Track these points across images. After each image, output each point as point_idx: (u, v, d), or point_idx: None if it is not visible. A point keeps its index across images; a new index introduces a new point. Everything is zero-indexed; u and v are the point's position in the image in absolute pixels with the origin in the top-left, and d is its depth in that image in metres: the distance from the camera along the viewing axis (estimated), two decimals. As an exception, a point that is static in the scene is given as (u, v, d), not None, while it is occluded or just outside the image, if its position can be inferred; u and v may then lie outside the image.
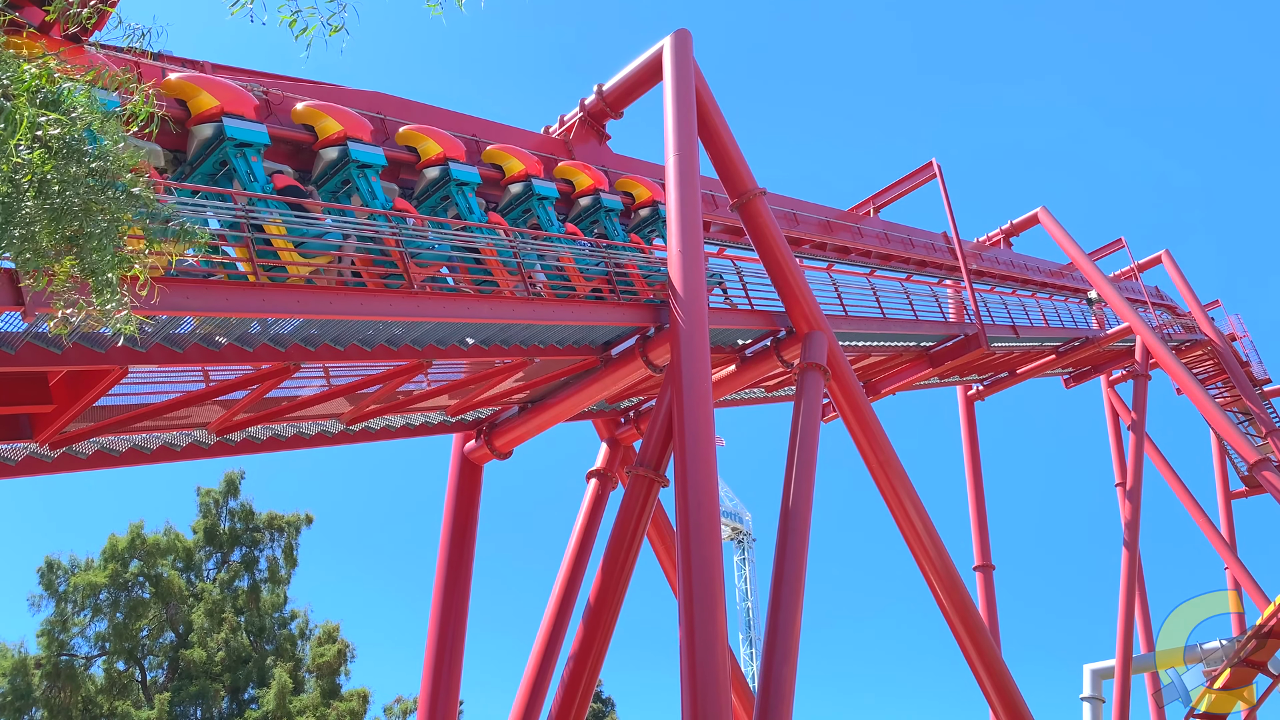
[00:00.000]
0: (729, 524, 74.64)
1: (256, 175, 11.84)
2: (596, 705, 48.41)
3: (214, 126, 11.63)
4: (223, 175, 11.98)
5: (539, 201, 15.10)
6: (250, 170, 11.81)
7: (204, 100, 11.62)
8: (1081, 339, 29.35)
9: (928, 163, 26.02)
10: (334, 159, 12.90)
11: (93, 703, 30.27)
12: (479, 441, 16.91)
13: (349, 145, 12.86)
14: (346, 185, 13.04)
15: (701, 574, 11.80)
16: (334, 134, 12.92)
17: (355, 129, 13.05)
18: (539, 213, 15.06)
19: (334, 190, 13.15)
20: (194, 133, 11.80)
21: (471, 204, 14.06)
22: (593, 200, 16.19)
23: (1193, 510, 32.28)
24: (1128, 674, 27.16)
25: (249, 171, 11.79)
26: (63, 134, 5.00)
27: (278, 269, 11.16)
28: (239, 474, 35.82)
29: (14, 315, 8.91)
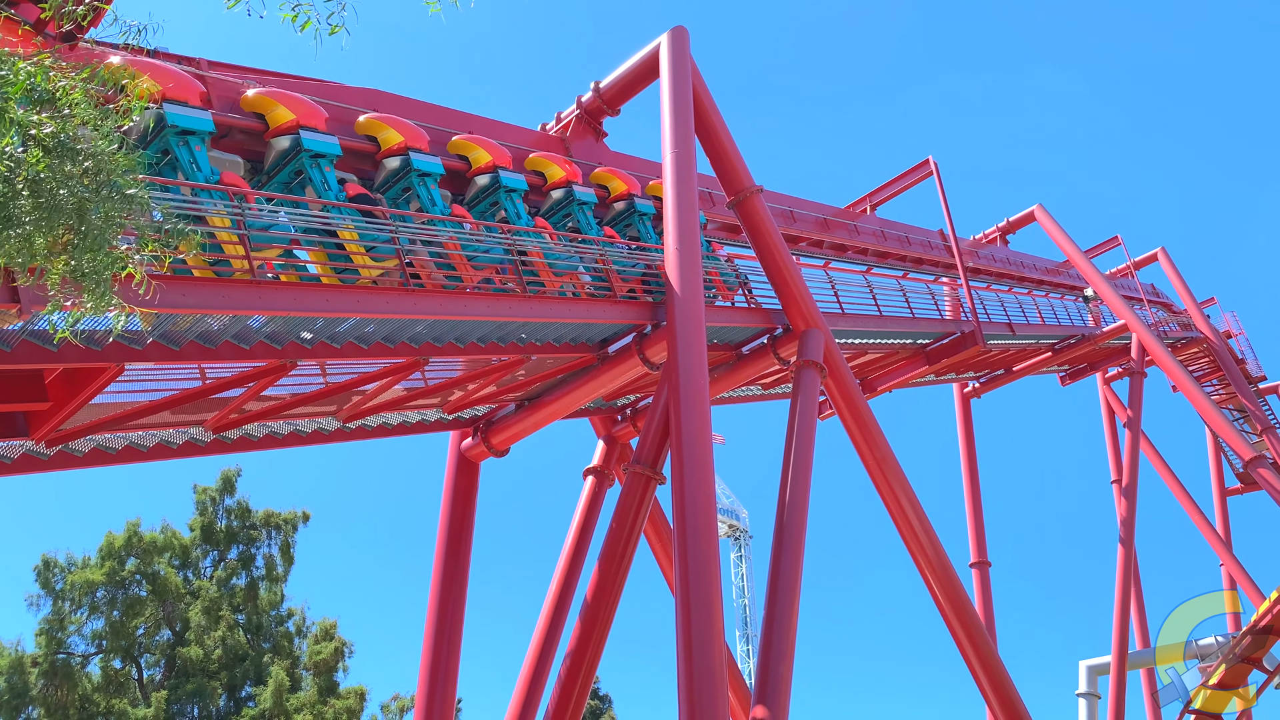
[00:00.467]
0: (725, 521, 74.68)
1: (330, 184, 12.33)
2: (594, 702, 48.43)
3: (291, 139, 12.20)
4: (297, 184, 12.46)
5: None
6: (325, 179, 12.31)
7: (281, 114, 12.18)
8: (1077, 336, 29.39)
9: (924, 160, 26.04)
10: (396, 168, 13.36)
11: (90, 701, 30.25)
12: (476, 439, 16.92)
13: (410, 155, 13.31)
14: (407, 193, 13.49)
15: (698, 571, 11.82)
16: (396, 144, 13.41)
17: (415, 139, 13.53)
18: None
19: (395, 197, 13.56)
20: (272, 144, 12.40)
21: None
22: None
23: (1188, 507, 32.36)
24: (1123, 670, 27.25)
25: (323, 181, 12.29)
26: (56, 132, 5.00)
27: (349, 272, 11.83)
28: (235, 471, 35.81)
29: (9, 312, 8.90)
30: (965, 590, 17.27)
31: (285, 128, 12.29)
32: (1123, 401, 31.88)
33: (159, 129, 11.30)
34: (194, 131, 11.35)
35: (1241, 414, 37.11)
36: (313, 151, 12.30)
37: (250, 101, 12.40)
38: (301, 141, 12.22)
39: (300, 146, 12.24)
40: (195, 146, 11.45)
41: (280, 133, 12.33)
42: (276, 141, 12.38)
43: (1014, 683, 17.11)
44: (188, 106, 11.49)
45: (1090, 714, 28.43)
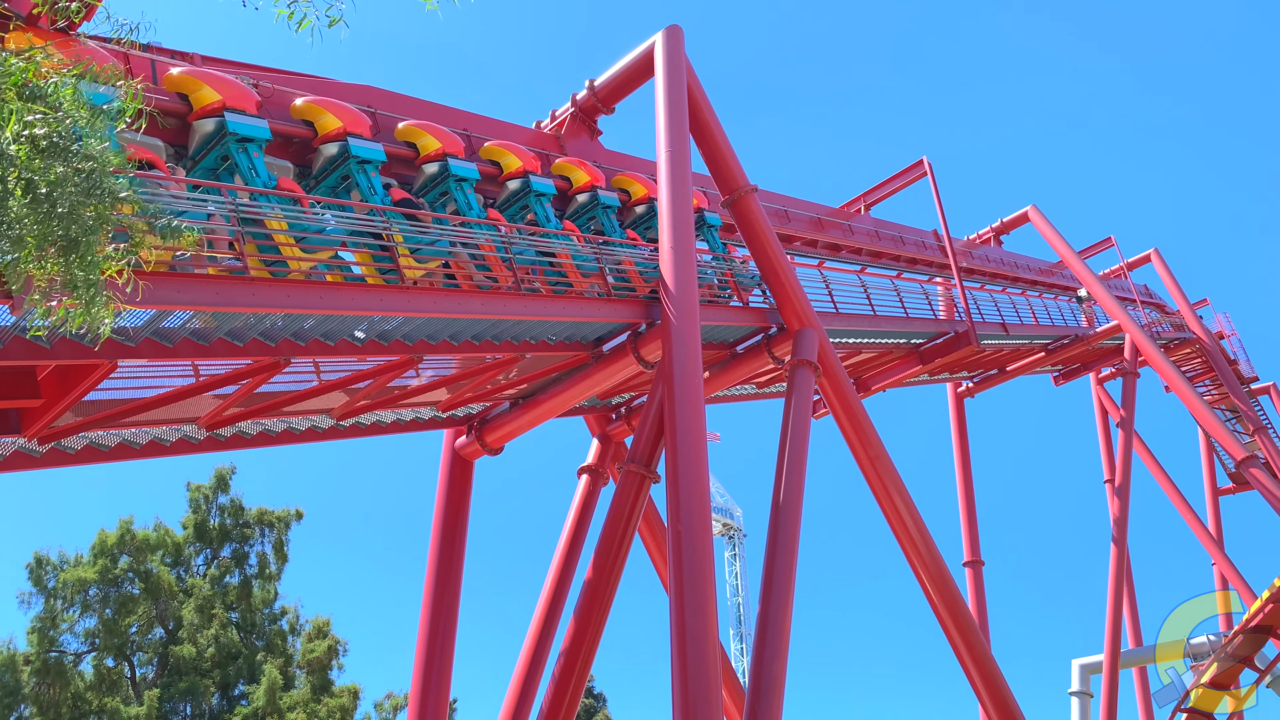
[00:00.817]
0: (720, 520, 74.71)
1: (376, 189, 12.51)
2: (588, 701, 48.43)
3: (339, 145, 12.48)
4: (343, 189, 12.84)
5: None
6: (371, 185, 12.53)
7: (329, 121, 12.46)
8: (1071, 337, 29.46)
9: (918, 160, 26.10)
10: (434, 173, 13.76)
11: (82, 699, 30.18)
12: (470, 437, 16.90)
13: (447, 160, 13.61)
14: (445, 196, 13.78)
15: (692, 570, 11.82)
16: (434, 150, 13.77)
17: (451, 146, 13.84)
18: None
19: (433, 201, 13.87)
20: (320, 151, 12.73)
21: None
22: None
23: (1181, 507, 32.46)
24: (1115, 669, 27.33)
25: (370, 185, 12.50)
26: (49, 131, 4.97)
27: (393, 273, 12.06)
28: (229, 469, 35.76)
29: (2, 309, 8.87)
30: (959, 589, 17.29)
31: (333, 134, 12.60)
32: (1116, 401, 31.96)
33: (219, 136, 11.49)
34: (252, 139, 11.59)
35: (1234, 414, 37.24)
36: (360, 158, 12.55)
37: (299, 109, 12.79)
38: (350, 148, 12.48)
39: (349, 152, 12.52)
40: (254, 153, 11.66)
41: (429, 160, 13.32)
42: (426, 167, 13.25)
43: (1007, 681, 17.15)
44: (246, 114, 11.69)
45: (1083, 713, 28.47)
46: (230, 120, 11.50)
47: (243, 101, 11.82)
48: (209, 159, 11.77)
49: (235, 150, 11.57)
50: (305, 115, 12.92)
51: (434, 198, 14.15)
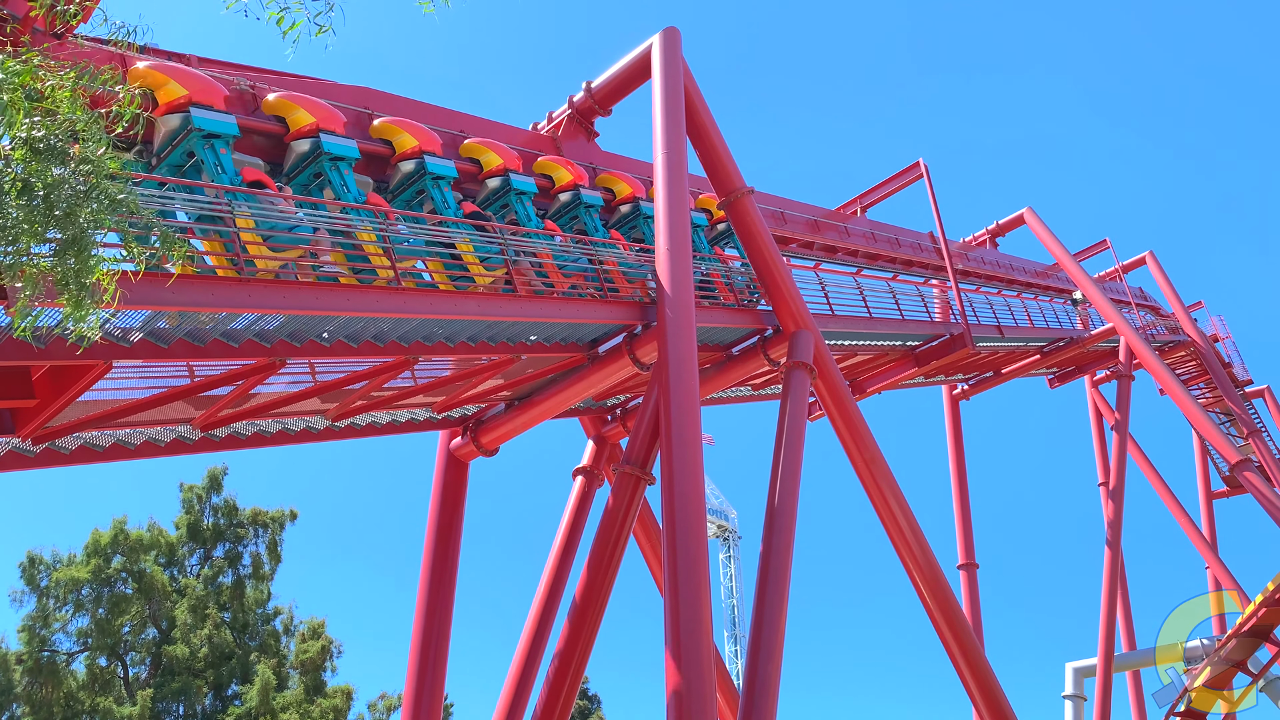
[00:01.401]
0: (715, 522, 74.72)
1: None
2: (582, 702, 48.41)
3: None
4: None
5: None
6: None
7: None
8: (1066, 339, 29.52)
9: (914, 163, 26.12)
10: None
11: (74, 699, 30.09)
12: (465, 438, 16.89)
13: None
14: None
15: (687, 571, 11.82)
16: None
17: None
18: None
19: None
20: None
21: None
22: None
23: (1175, 510, 32.55)
24: (1109, 672, 27.38)
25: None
26: (46, 134, 4.97)
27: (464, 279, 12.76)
28: (222, 469, 35.70)
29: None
30: (953, 592, 17.30)
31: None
32: (1110, 404, 32.05)
33: (314, 155, 12.17)
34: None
35: (1228, 417, 37.34)
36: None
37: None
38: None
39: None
40: (344, 171, 12.31)
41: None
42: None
43: (1001, 684, 17.17)
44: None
45: (1076, 716, 28.56)
46: (325, 141, 12.37)
47: (334, 123, 12.65)
48: (303, 176, 12.65)
49: (329, 168, 12.51)
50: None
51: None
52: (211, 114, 11.52)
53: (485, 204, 15.15)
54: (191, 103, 11.39)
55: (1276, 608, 19.61)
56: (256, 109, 12.82)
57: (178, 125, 11.39)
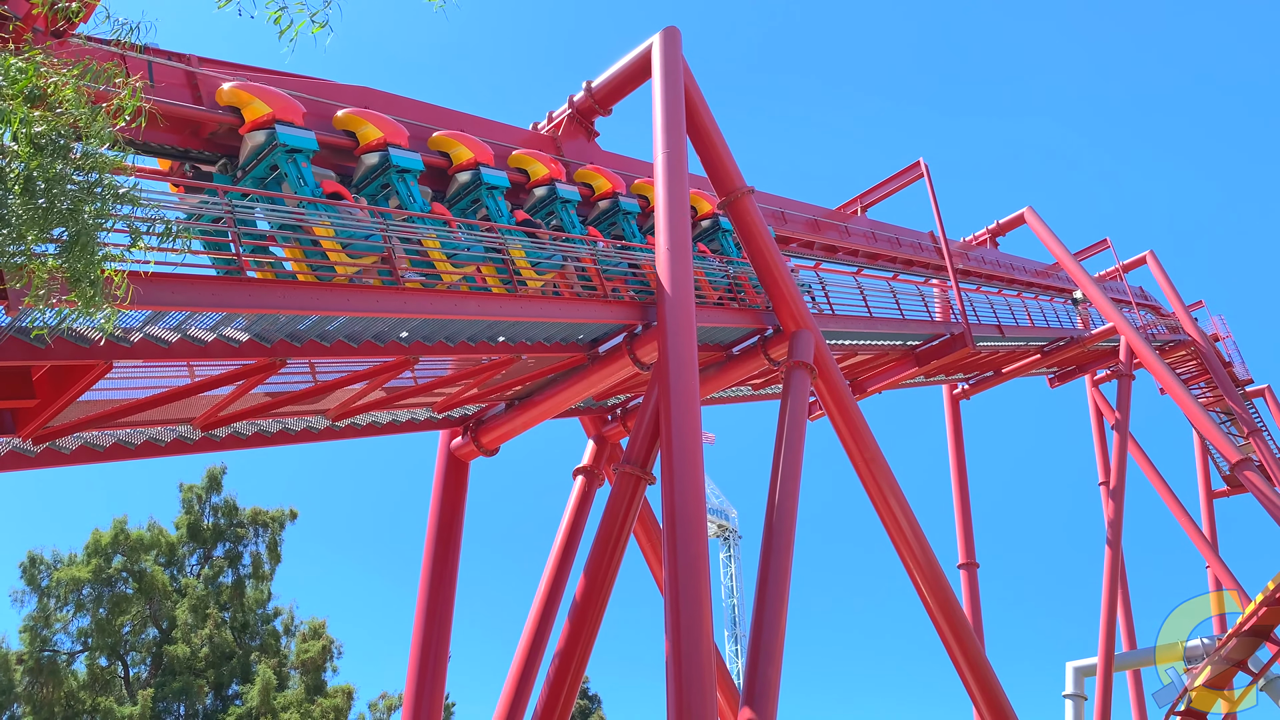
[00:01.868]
0: (715, 521, 74.73)
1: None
2: (582, 702, 48.43)
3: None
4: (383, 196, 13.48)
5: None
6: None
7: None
8: (1066, 339, 29.52)
9: (915, 162, 26.12)
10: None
11: (75, 699, 30.10)
12: (465, 438, 16.89)
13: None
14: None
15: (687, 571, 11.82)
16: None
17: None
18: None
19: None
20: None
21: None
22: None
23: (1175, 509, 32.54)
24: (1110, 671, 27.37)
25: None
26: (49, 130, 4.97)
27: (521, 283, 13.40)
28: (221, 469, 35.71)
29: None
30: (953, 591, 17.30)
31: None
32: (1111, 404, 32.04)
33: (383, 167, 12.95)
34: (301, 150, 12.30)
35: (1228, 417, 37.33)
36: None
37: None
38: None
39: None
40: (410, 182, 13.08)
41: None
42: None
43: (1001, 684, 17.17)
44: (294, 127, 12.36)
45: (1077, 715, 28.56)
46: (394, 155, 13.14)
47: (399, 137, 13.37)
48: (372, 187, 13.43)
49: (396, 180, 13.27)
50: (347, 125, 13.24)
51: (466, 204, 14.31)
52: (294, 130, 12.38)
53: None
54: (275, 120, 12.22)
55: (1277, 607, 19.61)
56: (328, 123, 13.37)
57: (262, 141, 12.25)
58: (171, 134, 12.17)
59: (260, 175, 12.47)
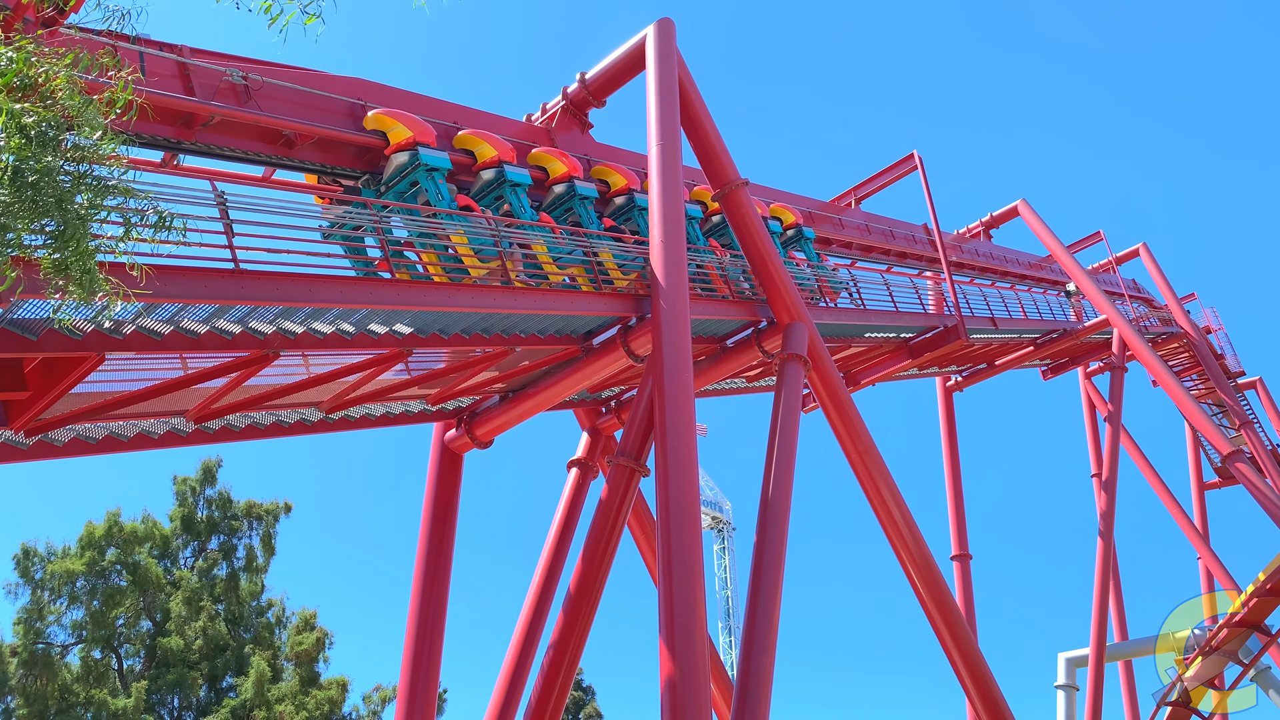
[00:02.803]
0: (709, 513, 74.89)
1: (526, 208, 14.56)
2: (577, 693, 48.53)
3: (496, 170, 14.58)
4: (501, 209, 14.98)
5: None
6: (521, 204, 14.72)
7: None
8: (1059, 331, 29.58)
9: (909, 155, 26.11)
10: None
11: (69, 691, 30.08)
12: (459, 430, 16.88)
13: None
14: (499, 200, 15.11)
15: (681, 563, 11.84)
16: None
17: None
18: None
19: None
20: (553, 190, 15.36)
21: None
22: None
23: (1167, 501, 32.67)
24: (1101, 662, 27.50)
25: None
26: (38, 121, 4.94)
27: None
28: (216, 462, 35.65)
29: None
30: (946, 583, 17.37)
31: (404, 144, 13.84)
32: (1103, 396, 32.11)
33: (499, 182, 14.56)
34: (437, 168, 13.79)
35: (1220, 409, 37.45)
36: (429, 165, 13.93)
37: (535, 156, 15.29)
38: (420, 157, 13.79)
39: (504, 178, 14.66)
40: (521, 195, 14.53)
41: (486, 166, 14.70)
42: (484, 173, 14.74)
43: (993, 674, 17.25)
44: (432, 148, 13.91)
45: (1069, 705, 28.67)
46: (508, 171, 14.66)
47: (427, 136, 14.19)
48: (488, 199, 14.85)
49: (509, 193, 14.78)
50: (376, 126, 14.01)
51: (489, 201, 14.99)
52: (432, 152, 13.95)
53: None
54: (416, 143, 13.77)
55: (1267, 598, 19.72)
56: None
57: (405, 160, 13.78)
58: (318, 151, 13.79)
59: (402, 190, 14.00)
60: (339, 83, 14.11)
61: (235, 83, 12.63)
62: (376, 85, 14.62)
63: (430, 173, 13.77)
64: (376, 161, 14.30)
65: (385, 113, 13.93)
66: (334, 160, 14.11)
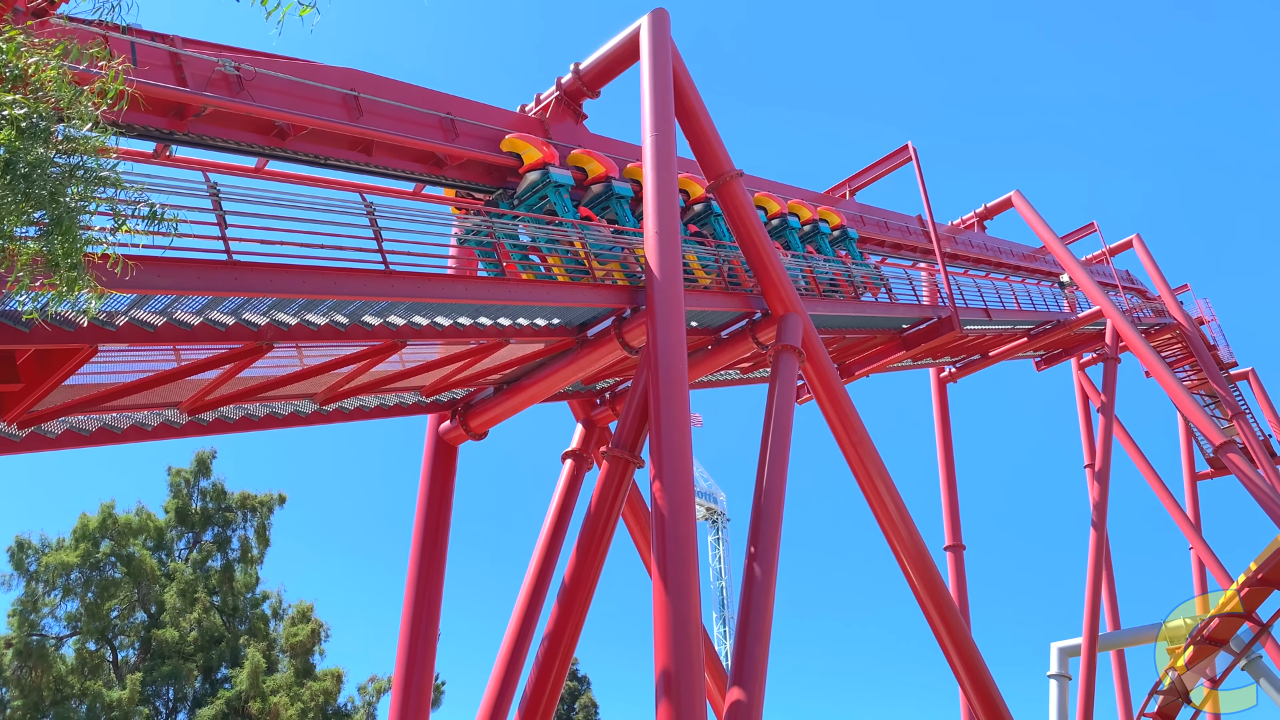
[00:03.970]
0: (703, 504, 75.00)
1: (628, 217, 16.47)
2: (572, 683, 48.67)
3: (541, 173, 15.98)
4: None
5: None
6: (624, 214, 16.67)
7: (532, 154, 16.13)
8: (1053, 322, 29.64)
9: (903, 146, 26.09)
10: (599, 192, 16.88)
11: (64, 682, 30.07)
12: (454, 422, 16.87)
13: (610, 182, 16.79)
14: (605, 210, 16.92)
15: (676, 554, 11.87)
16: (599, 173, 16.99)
17: (611, 169, 16.93)
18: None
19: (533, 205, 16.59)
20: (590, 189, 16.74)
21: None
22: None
23: (1159, 492, 32.79)
24: (1094, 652, 27.63)
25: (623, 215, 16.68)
26: (29, 113, 4.90)
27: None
28: (210, 454, 35.59)
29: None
30: (940, 573, 17.43)
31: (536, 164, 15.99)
32: (1097, 387, 32.20)
33: (606, 195, 16.65)
34: (563, 185, 15.95)
35: (1213, 400, 37.59)
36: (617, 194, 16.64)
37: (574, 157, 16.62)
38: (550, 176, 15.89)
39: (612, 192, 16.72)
40: (564, 195, 16.00)
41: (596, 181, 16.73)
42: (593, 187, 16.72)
43: (987, 664, 17.32)
44: (559, 168, 16.12)
45: (1061, 695, 28.83)
46: (553, 173, 16.02)
47: (614, 171, 16.87)
48: (533, 199, 16.29)
49: (616, 205, 16.72)
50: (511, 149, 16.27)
51: (598, 211, 16.92)
52: (560, 171, 16.13)
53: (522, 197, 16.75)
54: (545, 163, 15.98)
55: (1259, 588, 19.84)
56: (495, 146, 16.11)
57: (537, 179, 15.97)
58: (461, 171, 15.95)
59: (532, 203, 16.09)
60: (332, 73, 14.06)
61: (228, 73, 12.57)
62: (370, 76, 14.57)
63: (558, 189, 15.92)
64: (506, 178, 15.76)
65: (519, 137, 16.21)
66: (473, 178, 16.18)
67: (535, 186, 15.96)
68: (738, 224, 16.92)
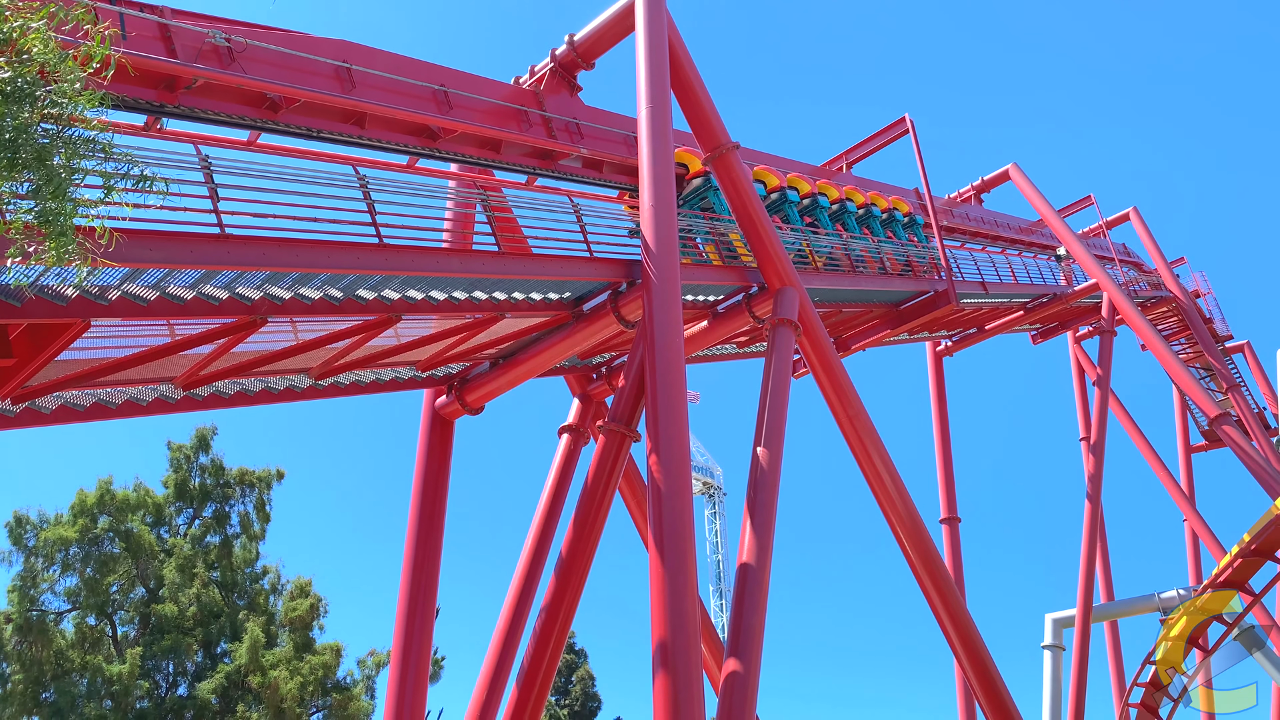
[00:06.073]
0: (700, 478, 75.25)
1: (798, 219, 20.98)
2: (569, 656, 48.98)
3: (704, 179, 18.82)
4: None
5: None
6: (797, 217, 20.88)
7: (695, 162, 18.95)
8: (1049, 295, 29.61)
9: (900, 118, 25.96)
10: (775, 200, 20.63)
11: (64, 657, 30.21)
12: (450, 397, 16.85)
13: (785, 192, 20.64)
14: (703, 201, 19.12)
15: (672, 527, 11.90)
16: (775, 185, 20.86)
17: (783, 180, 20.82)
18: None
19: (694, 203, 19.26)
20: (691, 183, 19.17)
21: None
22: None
23: (1154, 464, 32.92)
24: (1088, 623, 27.85)
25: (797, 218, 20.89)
26: (13, 76, 4.83)
27: None
28: (210, 429, 35.53)
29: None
30: (935, 545, 17.51)
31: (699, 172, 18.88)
32: (1092, 360, 32.25)
33: (706, 187, 18.81)
34: (719, 189, 17.98)
35: (1208, 372, 37.67)
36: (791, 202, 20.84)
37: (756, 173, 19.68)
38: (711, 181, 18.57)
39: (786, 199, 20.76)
40: (720, 196, 18.26)
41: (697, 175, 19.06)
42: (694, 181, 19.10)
43: (981, 635, 17.44)
44: (796, 191, 20.84)
45: (1055, 665, 29.07)
46: (713, 179, 18.29)
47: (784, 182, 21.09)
48: (695, 200, 19.01)
49: (713, 195, 18.89)
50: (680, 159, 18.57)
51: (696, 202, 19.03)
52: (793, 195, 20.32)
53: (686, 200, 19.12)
54: (705, 171, 18.51)
55: (1252, 559, 19.94)
56: None
57: (700, 184, 18.92)
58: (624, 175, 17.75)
59: (694, 204, 18.95)
60: (325, 45, 13.90)
61: (218, 44, 12.43)
62: (363, 48, 14.41)
63: (716, 191, 18.48)
64: None
65: (685, 150, 18.72)
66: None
67: (699, 190, 19.05)
68: (734, 197, 16.83)
